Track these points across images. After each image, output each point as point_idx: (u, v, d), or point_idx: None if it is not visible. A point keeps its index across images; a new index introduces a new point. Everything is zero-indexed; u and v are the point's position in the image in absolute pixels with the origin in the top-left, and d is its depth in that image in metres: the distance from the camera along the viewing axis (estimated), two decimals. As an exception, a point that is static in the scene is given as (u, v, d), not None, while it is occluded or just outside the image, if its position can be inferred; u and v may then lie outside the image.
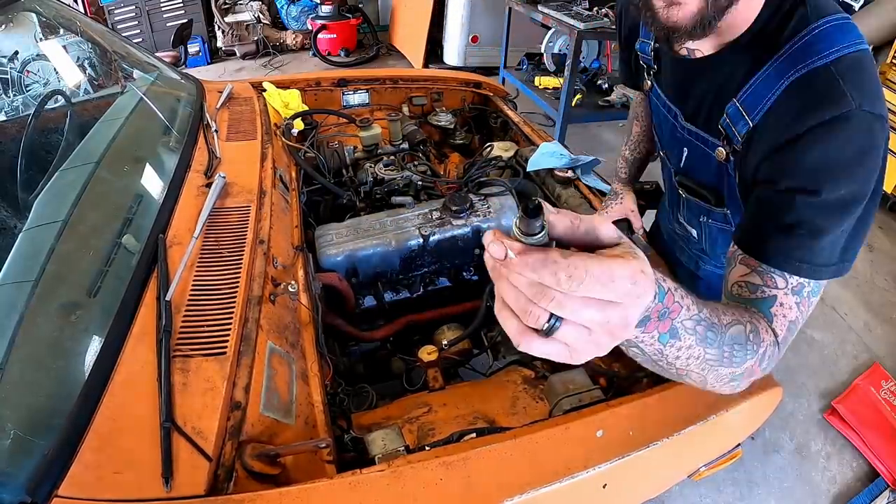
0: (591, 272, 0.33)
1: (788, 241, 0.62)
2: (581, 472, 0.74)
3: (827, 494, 1.77)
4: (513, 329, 0.38)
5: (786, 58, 0.64)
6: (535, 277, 0.34)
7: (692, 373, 0.52)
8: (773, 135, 0.65)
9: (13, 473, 0.63)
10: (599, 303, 0.35)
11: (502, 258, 0.35)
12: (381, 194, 1.45)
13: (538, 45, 3.81)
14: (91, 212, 1.01)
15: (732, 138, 0.73)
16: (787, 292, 0.62)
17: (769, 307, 0.62)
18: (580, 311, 0.34)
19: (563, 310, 0.34)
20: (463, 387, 1.15)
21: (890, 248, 2.87)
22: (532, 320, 0.36)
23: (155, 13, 4.80)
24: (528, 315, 0.35)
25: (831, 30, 0.62)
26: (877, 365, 2.16)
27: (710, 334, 0.49)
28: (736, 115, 0.71)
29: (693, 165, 0.86)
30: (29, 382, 0.75)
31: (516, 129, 1.75)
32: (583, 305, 0.34)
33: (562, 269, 0.33)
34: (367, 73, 2.10)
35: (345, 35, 5.02)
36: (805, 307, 0.63)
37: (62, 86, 1.46)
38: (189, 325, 0.82)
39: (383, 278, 1.31)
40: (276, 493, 0.67)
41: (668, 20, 0.63)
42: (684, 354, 0.48)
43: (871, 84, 0.61)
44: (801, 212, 0.61)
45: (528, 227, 0.35)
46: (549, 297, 0.34)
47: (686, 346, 0.47)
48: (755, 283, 0.63)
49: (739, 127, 0.71)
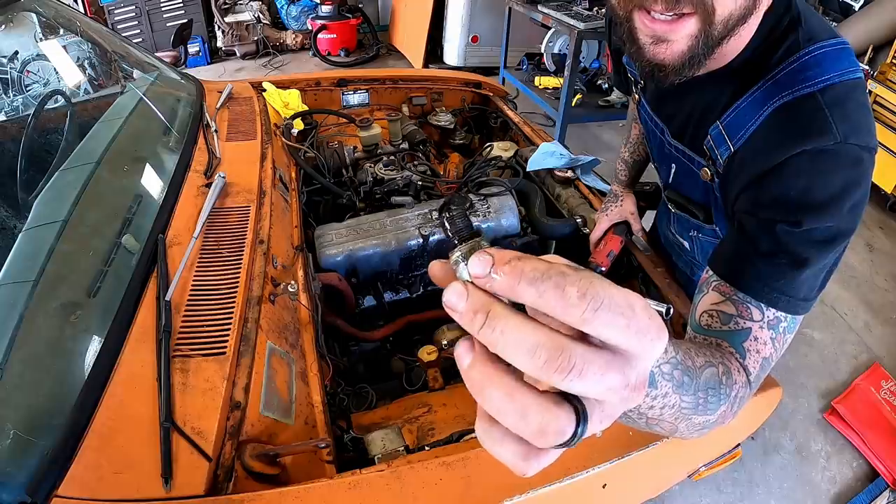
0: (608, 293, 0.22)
1: (768, 269, 0.58)
2: (581, 472, 0.74)
3: (827, 494, 1.77)
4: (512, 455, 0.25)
5: (773, 83, 0.62)
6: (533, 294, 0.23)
7: (664, 422, 0.44)
8: (754, 162, 0.63)
9: (13, 473, 0.63)
10: (617, 359, 0.23)
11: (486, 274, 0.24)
12: (381, 194, 1.45)
13: (538, 45, 3.81)
14: (91, 212, 1.01)
15: (716, 160, 0.71)
16: (762, 325, 0.57)
17: (742, 341, 0.57)
18: (604, 378, 0.23)
19: (585, 378, 0.22)
20: (463, 387, 1.15)
21: (890, 248, 2.87)
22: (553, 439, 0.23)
23: (155, 13, 4.80)
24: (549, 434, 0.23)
25: (821, 57, 0.60)
26: (877, 365, 2.16)
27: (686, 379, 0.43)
28: (719, 137, 0.69)
29: (681, 181, 0.84)
30: (29, 382, 0.75)
31: (516, 129, 1.75)
32: (604, 367, 0.23)
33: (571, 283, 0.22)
34: (367, 73, 2.10)
35: (345, 35, 5.02)
36: (780, 344, 0.59)
37: (62, 86, 1.46)
38: (189, 325, 0.82)
39: (383, 278, 1.31)
40: (275, 493, 0.67)
41: (655, 57, 0.59)
42: (658, 404, 0.41)
43: (858, 114, 0.59)
44: (781, 240, 0.58)
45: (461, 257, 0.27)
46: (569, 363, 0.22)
47: (662, 394, 0.40)
48: (728, 312, 0.59)
49: (721, 150, 0.69)
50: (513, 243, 1.32)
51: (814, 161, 0.57)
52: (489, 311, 0.24)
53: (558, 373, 0.22)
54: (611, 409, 0.26)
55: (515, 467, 0.26)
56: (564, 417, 0.23)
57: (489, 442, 0.26)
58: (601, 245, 1.12)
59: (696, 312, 0.63)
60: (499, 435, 0.26)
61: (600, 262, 1.07)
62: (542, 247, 1.33)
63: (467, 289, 0.25)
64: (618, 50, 0.94)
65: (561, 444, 0.24)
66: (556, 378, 0.22)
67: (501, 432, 0.25)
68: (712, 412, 0.49)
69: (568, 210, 1.36)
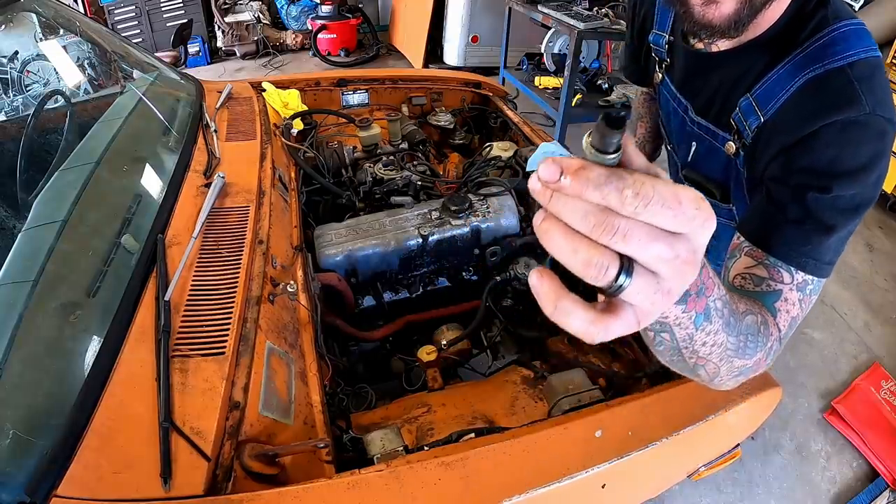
0: (657, 192, 0.28)
1: (797, 235, 0.62)
2: (580, 472, 0.74)
3: (827, 494, 1.77)
4: (581, 325, 0.32)
5: (803, 56, 0.65)
6: (598, 197, 0.28)
7: (709, 363, 0.51)
8: (785, 131, 0.66)
9: (12, 473, 0.63)
10: (666, 235, 0.29)
11: (556, 179, 0.29)
12: (381, 194, 1.45)
13: (538, 45, 3.81)
14: (90, 212, 1.01)
15: (743, 132, 0.73)
16: (791, 287, 0.62)
17: (773, 301, 0.61)
18: (649, 246, 0.29)
19: (629, 242, 0.29)
20: (462, 387, 1.15)
21: (890, 248, 2.87)
22: (597, 273, 0.30)
23: (155, 13, 4.80)
24: (591, 266, 0.29)
25: (848, 33, 0.64)
26: (877, 365, 2.16)
27: (732, 320, 0.48)
28: (748, 109, 0.71)
29: (701, 160, 0.86)
30: (28, 382, 0.75)
31: (516, 129, 1.75)
32: (650, 237, 0.29)
33: (628, 187, 0.28)
34: (367, 73, 2.10)
35: (345, 35, 5.02)
36: (806, 304, 0.63)
37: (62, 86, 1.46)
38: (188, 325, 0.82)
39: (383, 278, 1.31)
40: (274, 493, 0.67)
41: (704, 18, 0.63)
42: (710, 340, 0.47)
43: (883, 89, 0.62)
44: (811, 206, 0.62)
45: (604, 141, 0.29)
46: (613, 228, 0.28)
47: (714, 330, 0.46)
48: (760, 275, 0.63)
49: (751, 121, 0.71)
50: (512, 243, 1.32)
51: (844, 131, 0.61)
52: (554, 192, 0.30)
53: (605, 233, 0.29)
54: (667, 285, 0.31)
55: (586, 333, 0.32)
56: (609, 256, 0.29)
57: (559, 315, 0.33)
58: None
59: (728, 275, 0.66)
60: (568, 306, 0.32)
61: None
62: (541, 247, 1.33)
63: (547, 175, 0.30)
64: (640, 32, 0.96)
65: (608, 288, 0.30)
66: (603, 238, 0.29)
67: (570, 303, 0.32)
68: (750, 357, 0.54)
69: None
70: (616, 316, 0.32)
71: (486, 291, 1.23)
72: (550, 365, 1.19)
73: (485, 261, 1.33)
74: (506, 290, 1.33)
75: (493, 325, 1.31)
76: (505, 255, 1.32)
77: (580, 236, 0.30)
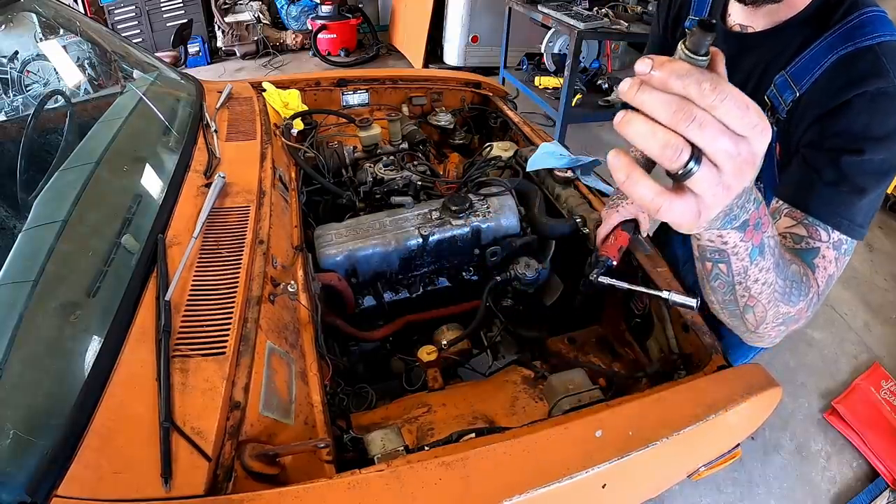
0: (731, 92, 0.34)
1: (833, 196, 0.69)
2: (580, 472, 0.74)
3: (827, 494, 1.77)
4: (647, 194, 0.38)
5: (835, 36, 0.72)
6: (680, 86, 0.34)
7: (758, 305, 0.59)
8: (819, 103, 0.72)
9: (13, 473, 0.63)
10: (732, 134, 0.35)
11: (647, 72, 0.35)
12: (381, 194, 1.45)
13: (538, 45, 3.81)
14: (91, 212, 1.01)
15: (777, 107, 0.79)
16: (829, 246, 0.69)
17: (812, 258, 0.68)
18: (718, 138, 0.35)
19: (703, 132, 0.34)
20: (462, 387, 1.15)
21: (890, 248, 2.87)
22: (672, 154, 0.35)
23: (155, 13, 4.80)
24: (668, 147, 0.35)
25: (874, 18, 0.71)
26: (877, 365, 2.16)
27: (781, 262, 0.56)
28: (784, 85, 0.77)
29: None
30: (28, 382, 0.75)
31: (516, 129, 1.75)
32: (720, 131, 0.35)
33: (707, 81, 0.34)
34: (367, 73, 2.10)
35: (345, 35, 5.02)
36: (841, 263, 0.70)
37: (62, 86, 1.46)
38: (188, 325, 0.82)
39: (383, 278, 1.31)
40: (275, 493, 0.67)
41: None
42: (762, 278, 0.54)
43: None
44: (844, 169, 0.68)
45: (697, 43, 0.35)
46: (691, 116, 0.34)
47: (766, 267, 0.53)
48: (800, 234, 0.70)
49: (786, 96, 0.77)
50: (512, 243, 1.32)
51: (874, 101, 0.67)
52: (640, 84, 0.36)
53: (684, 120, 0.34)
54: (728, 180, 0.37)
55: (651, 203, 0.38)
56: (683, 142, 0.35)
57: (630, 183, 0.38)
58: (611, 239, 1.09)
59: None
60: (638, 177, 0.38)
61: (611, 256, 1.05)
62: (541, 247, 1.33)
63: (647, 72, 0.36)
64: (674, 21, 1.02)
65: (678, 172, 0.36)
66: (682, 125, 0.34)
67: (640, 175, 0.38)
68: (794, 305, 0.61)
69: (568, 210, 1.36)
70: (680, 197, 0.38)
71: (486, 291, 1.23)
72: (550, 365, 1.19)
73: (485, 261, 1.33)
74: (506, 290, 1.34)
75: (493, 325, 1.32)
76: (505, 255, 1.32)
77: (659, 124, 0.35)
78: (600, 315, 1.34)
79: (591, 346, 1.26)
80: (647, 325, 1.17)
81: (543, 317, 1.34)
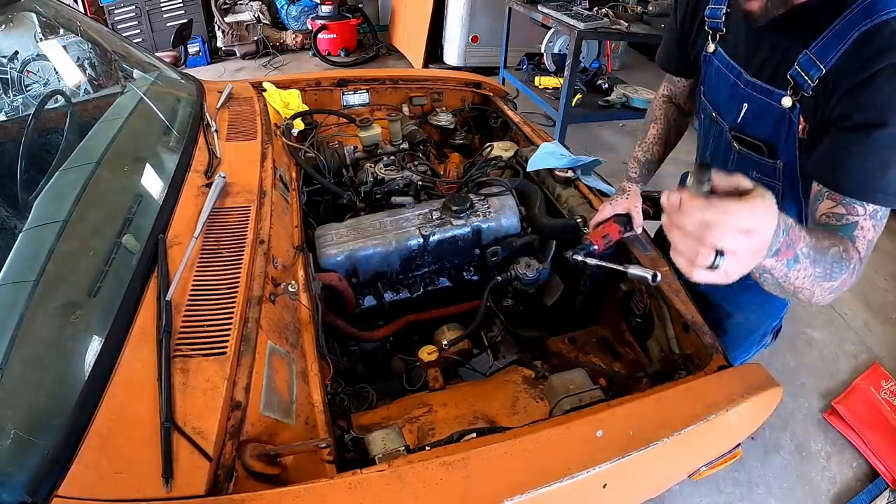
0: (732, 206, 0.49)
1: (864, 175, 0.75)
2: (581, 472, 0.74)
3: (827, 494, 1.77)
4: (685, 267, 0.53)
5: (853, 14, 0.76)
6: (702, 216, 0.49)
7: (804, 290, 0.71)
8: (846, 77, 0.77)
9: (13, 473, 0.63)
10: (745, 232, 0.50)
11: (676, 206, 0.51)
12: (381, 194, 1.45)
13: (538, 45, 3.81)
14: (91, 212, 1.01)
15: (802, 85, 0.84)
16: (865, 217, 0.76)
17: (852, 231, 0.76)
18: (735, 239, 0.49)
19: (724, 239, 0.49)
20: (463, 387, 1.15)
21: (890, 248, 2.87)
22: (703, 261, 0.50)
23: (155, 13, 4.80)
24: (699, 256, 0.50)
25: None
26: (877, 365, 2.16)
27: (818, 256, 0.67)
28: (808, 63, 0.82)
29: (751, 119, 0.97)
30: (29, 382, 0.75)
31: (516, 129, 1.75)
32: (736, 234, 0.49)
33: (721, 207, 0.48)
34: (367, 73, 2.10)
35: (345, 35, 5.02)
36: (879, 227, 0.78)
37: (62, 86, 1.46)
38: (189, 325, 0.82)
39: (383, 278, 1.31)
40: (276, 493, 0.67)
41: None
42: (802, 274, 0.67)
43: None
44: (872, 143, 0.73)
45: (700, 178, 0.50)
46: (711, 235, 0.49)
47: (803, 268, 0.66)
48: (840, 213, 0.78)
49: (812, 73, 0.82)
50: (513, 243, 1.32)
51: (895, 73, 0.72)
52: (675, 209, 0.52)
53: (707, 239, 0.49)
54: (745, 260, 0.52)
55: (686, 272, 0.53)
56: (706, 253, 0.50)
57: (676, 261, 0.54)
58: (600, 228, 1.14)
59: (816, 213, 0.82)
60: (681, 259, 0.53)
61: (594, 241, 1.11)
62: (542, 247, 1.33)
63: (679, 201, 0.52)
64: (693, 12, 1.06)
65: (710, 265, 0.51)
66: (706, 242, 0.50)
67: (677, 252, 0.53)
68: (836, 279, 0.72)
69: (568, 210, 1.36)
70: (712, 272, 0.51)
71: (486, 291, 1.23)
72: (551, 365, 1.19)
73: (485, 261, 1.33)
74: (506, 290, 1.34)
75: (493, 325, 1.32)
76: (506, 254, 1.32)
77: (692, 238, 0.50)
78: (600, 315, 1.34)
79: (591, 346, 1.26)
80: (647, 325, 1.17)
81: (544, 317, 1.34)
